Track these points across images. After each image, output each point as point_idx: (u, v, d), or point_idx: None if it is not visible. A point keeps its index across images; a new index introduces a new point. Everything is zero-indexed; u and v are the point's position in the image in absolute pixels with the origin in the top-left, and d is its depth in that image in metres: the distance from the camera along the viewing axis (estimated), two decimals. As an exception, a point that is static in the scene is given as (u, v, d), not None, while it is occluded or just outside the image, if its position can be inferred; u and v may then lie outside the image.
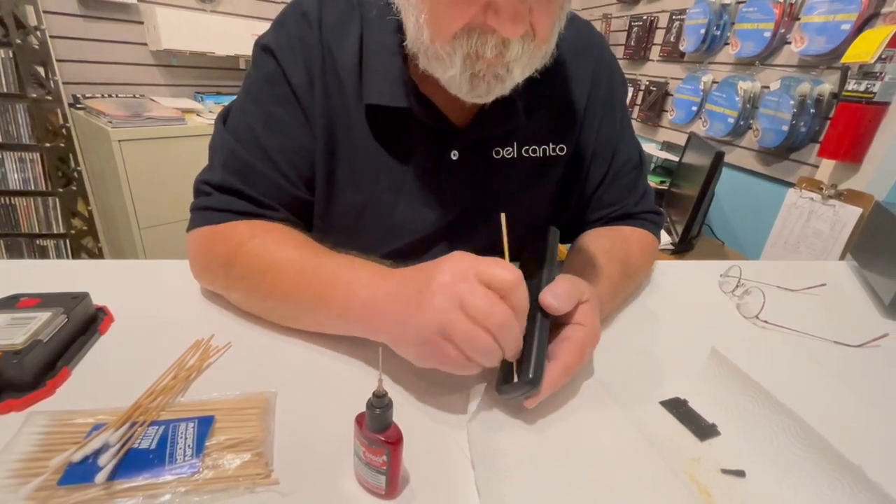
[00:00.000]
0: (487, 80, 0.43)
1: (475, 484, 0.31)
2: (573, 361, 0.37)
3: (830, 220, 1.33)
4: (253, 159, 0.49)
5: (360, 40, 0.50)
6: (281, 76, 0.50)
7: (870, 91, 1.20)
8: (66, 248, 1.74)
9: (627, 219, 0.63)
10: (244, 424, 0.34)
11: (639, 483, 0.33)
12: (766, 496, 0.33)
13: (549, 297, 0.38)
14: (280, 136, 0.50)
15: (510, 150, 0.55)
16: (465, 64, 0.41)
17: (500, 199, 0.56)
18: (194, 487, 0.29)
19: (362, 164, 0.53)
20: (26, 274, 0.54)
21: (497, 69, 0.42)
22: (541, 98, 0.54)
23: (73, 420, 0.33)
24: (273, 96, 0.50)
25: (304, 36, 0.50)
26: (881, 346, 0.54)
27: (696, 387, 0.43)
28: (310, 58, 0.50)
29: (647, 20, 2.09)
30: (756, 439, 0.37)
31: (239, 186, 0.49)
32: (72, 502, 0.28)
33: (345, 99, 0.50)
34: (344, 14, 0.50)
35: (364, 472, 0.30)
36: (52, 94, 1.58)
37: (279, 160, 0.50)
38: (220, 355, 0.42)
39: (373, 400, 0.28)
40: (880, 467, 0.31)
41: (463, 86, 0.43)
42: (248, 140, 0.50)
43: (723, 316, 0.58)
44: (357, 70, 0.50)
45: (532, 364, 0.35)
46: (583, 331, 0.38)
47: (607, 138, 0.60)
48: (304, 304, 0.43)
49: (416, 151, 0.53)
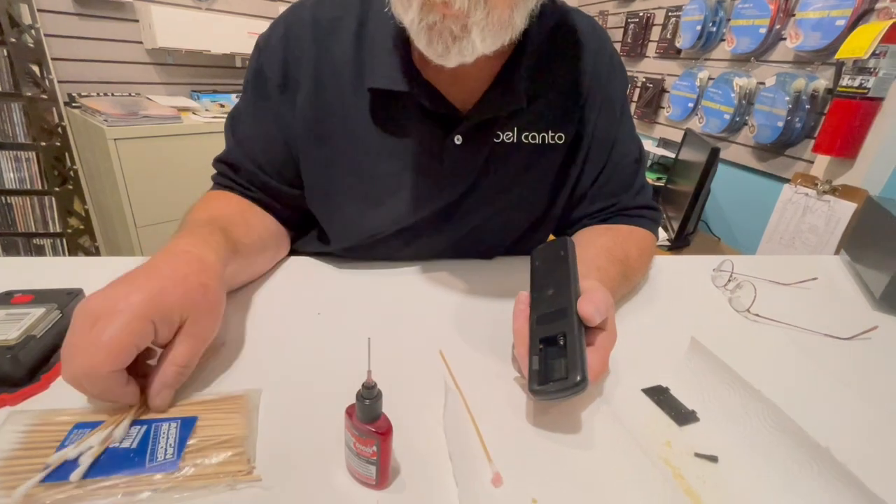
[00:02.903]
0: (444, 37, 0.43)
1: (453, 475, 0.32)
2: (601, 367, 0.38)
3: (825, 215, 1.34)
4: (235, 145, 0.57)
5: (356, 33, 0.52)
6: (262, 72, 0.54)
7: (864, 86, 1.21)
8: (63, 247, 1.74)
9: (626, 214, 0.63)
10: (227, 423, 0.34)
11: (613, 466, 0.33)
12: (738, 478, 0.34)
13: (591, 310, 0.38)
14: (255, 128, 0.56)
15: (510, 135, 0.56)
16: (422, 10, 0.41)
17: (499, 183, 0.58)
18: (175, 485, 0.29)
19: (364, 151, 0.55)
20: (20, 271, 0.54)
21: (451, 23, 0.42)
22: (541, 86, 0.55)
23: (54, 419, 0.33)
24: (255, 91, 0.55)
25: (293, 33, 0.53)
26: (871, 338, 0.54)
27: (679, 375, 0.44)
28: (295, 54, 0.53)
29: (643, 17, 2.09)
30: (732, 425, 0.38)
31: (231, 163, 0.57)
32: (51, 499, 0.28)
33: (341, 89, 0.53)
34: (340, 10, 0.53)
35: (355, 464, 0.30)
36: (47, 93, 1.58)
37: (253, 150, 0.56)
38: (217, 356, 0.42)
39: (362, 391, 0.29)
40: (859, 452, 0.32)
41: (421, 37, 0.43)
42: (236, 127, 0.57)
43: (714, 309, 0.59)
44: (354, 61, 0.52)
45: (580, 366, 0.35)
46: (606, 336, 0.40)
47: (606, 130, 0.60)
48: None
49: (419, 136, 0.54)
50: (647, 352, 0.48)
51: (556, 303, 0.40)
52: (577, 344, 0.36)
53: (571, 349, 0.36)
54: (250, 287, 0.54)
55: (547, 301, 0.41)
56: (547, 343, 0.38)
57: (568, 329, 0.37)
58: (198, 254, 0.40)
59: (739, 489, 0.33)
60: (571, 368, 0.35)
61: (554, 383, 0.35)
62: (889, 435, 0.40)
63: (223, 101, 1.94)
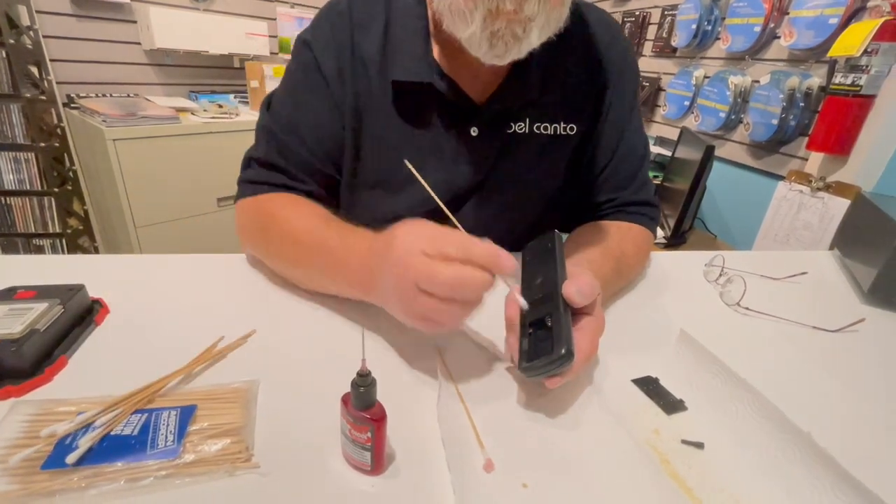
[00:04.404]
0: (506, 39, 0.45)
1: (446, 461, 0.33)
2: (590, 349, 0.39)
3: (819, 211, 1.35)
4: (288, 139, 0.57)
5: (384, 29, 0.56)
6: (315, 66, 0.56)
7: (856, 84, 1.22)
8: (63, 248, 1.74)
9: (627, 210, 0.64)
10: (226, 412, 0.35)
11: (601, 452, 0.35)
12: (723, 464, 0.35)
13: (573, 291, 0.39)
14: (309, 118, 0.57)
15: (522, 126, 0.58)
16: (484, 22, 0.44)
17: (512, 173, 0.60)
18: (174, 471, 0.30)
19: (387, 141, 0.58)
20: (22, 269, 0.55)
21: (515, 27, 0.44)
22: (554, 77, 0.57)
23: (57, 409, 0.34)
24: (308, 84, 0.57)
25: (337, 31, 0.56)
26: (858, 330, 0.55)
27: (669, 366, 0.45)
28: (340, 50, 0.56)
29: (639, 16, 2.10)
30: (718, 413, 0.39)
31: (276, 161, 0.57)
32: (55, 486, 0.29)
33: (370, 82, 0.56)
34: (370, 7, 0.57)
35: (350, 450, 0.31)
36: (46, 94, 1.59)
37: (309, 140, 0.57)
38: (222, 358, 0.43)
39: (357, 379, 0.30)
40: (839, 438, 0.33)
41: (483, 44, 0.46)
42: (285, 122, 0.58)
43: (705, 303, 0.60)
44: (380, 56, 0.56)
45: (564, 340, 0.36)
46: (594, 321, 0.41)
47: (615, 122, 0.62)
48: (321, 276, 0.49)
49: (438, 127, 0.57)
50: (638, 343, 0.49)
51: (544, 288, 0.41)
52: (561, 321, 0.37)
53: (556, 326, 0.37)
54: (248, 279, 0.55)
55: (535, 289, 0.42)
56: (535, 326, 0.39)
57: (553, 309, 0.39)
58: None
59: (724, 474, 0.34)
60: (556, 342, 0.36)
61: (540, 358, 0.36)
62: (868, 420, 0.41)
63: (221, 101, 1.95)
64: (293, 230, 0.50)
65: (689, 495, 0.32)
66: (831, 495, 0.31)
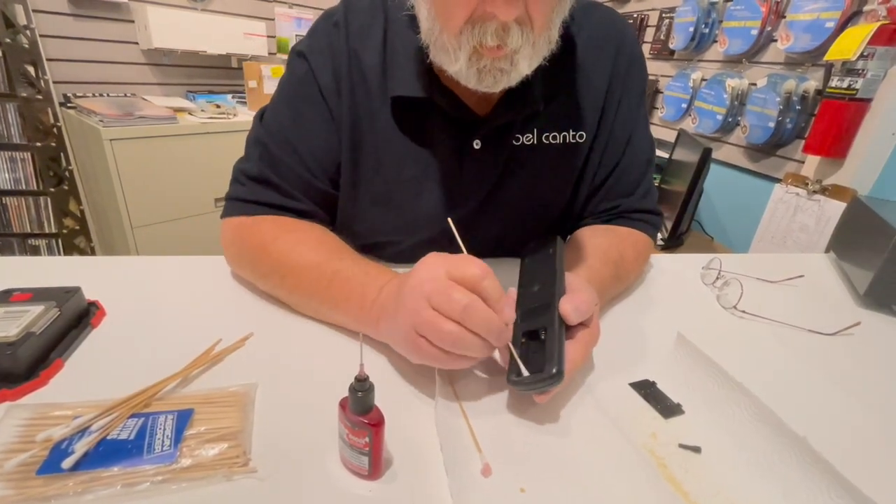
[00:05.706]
0: (493, 73, 0.45)
1: (444, 465, 0.33)
2: (580, 359, 0.39)
3: (816, 214, 1.36)
4: (282, 154, 0.54)
5: (383, 41, 0.54)
6: (311, 78, 0.54)
7: (852, 87, 1.22)
8: (59, 248, 1.73)
9: (629, 217, 0.63)
10: (223, 416, 0.35)
11: (599, 456, 0.35)
12: (719, 467, 0.35)
13: (570, 309, 0.39)
14: (306, 133, 0.55)
15: (530, 137, 0.56)
16: (470, 60, 0.44)
17: (520, 186, 0.58)
18: (171, 476, 0.30)
19: (388, 156, 0.56)
20: (18, 270, 0.55)
21: (501, 63, 0.44)
22: (560, 85, 0.55)
23: (52, 413, 0.34)
24: (303, 96, 0.55)
25: (333, 42, 0.54)
26: (854, 334, 0.56)
27: (666, 370, 0.45)
28: (338, 61, 0.54)
29: (637, 18, 2.11)
30: (715, 416, 0.39)
31: (269, 177, 0.54)
32: (50, 492, 0.28)
33: (370, 96, 0.54)
34: (368, 18, 0.54)
35: (348, 454, 0.31)
36: (42, 94, 1.58)
37: (304, 155, 0.55)
38: (219, 361, 0.42)
39: (355, 384, 0.30)
40: (835, 442, 0.33)
41: (471, 79, 0.46)
42: (278, 136, 0.55)
43: (702, 306, 0.60)
44: (381, 68, 0.54)
45: (556, 359, 0.36)
46: (588, 332, 0.41)
47: (624, 123, 0.60)
48: (322, 306, 0.48)
49: (440, 142, 0.55)
50: (636, 347, 0.49)
51: (541, 298, 0.41)
52: (555, 339, 0.37)
53: (550, 343, 0.37)
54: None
55: (532, 296, 0.42)
56: (529, 336, 0.39)
57: (549, 324, 0.39)
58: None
59: (721, 477, 0.34)
60: (548, 361, 0.36)
61: (530, 375, 0.36)
62: (864, 424, 0.41)
63: (219, 101, 1.94)
64: (294, 263, 0.49)
65: (685, 499, 0.32)
66: (827, 499, 0.31)
